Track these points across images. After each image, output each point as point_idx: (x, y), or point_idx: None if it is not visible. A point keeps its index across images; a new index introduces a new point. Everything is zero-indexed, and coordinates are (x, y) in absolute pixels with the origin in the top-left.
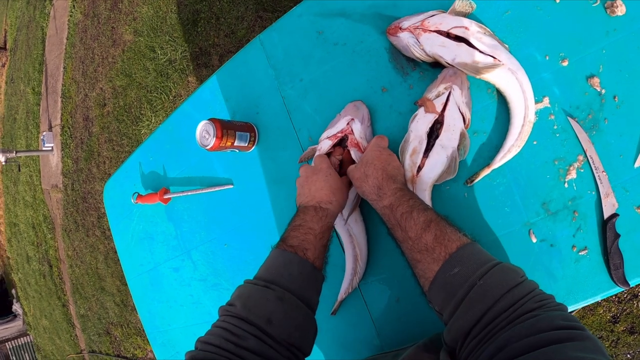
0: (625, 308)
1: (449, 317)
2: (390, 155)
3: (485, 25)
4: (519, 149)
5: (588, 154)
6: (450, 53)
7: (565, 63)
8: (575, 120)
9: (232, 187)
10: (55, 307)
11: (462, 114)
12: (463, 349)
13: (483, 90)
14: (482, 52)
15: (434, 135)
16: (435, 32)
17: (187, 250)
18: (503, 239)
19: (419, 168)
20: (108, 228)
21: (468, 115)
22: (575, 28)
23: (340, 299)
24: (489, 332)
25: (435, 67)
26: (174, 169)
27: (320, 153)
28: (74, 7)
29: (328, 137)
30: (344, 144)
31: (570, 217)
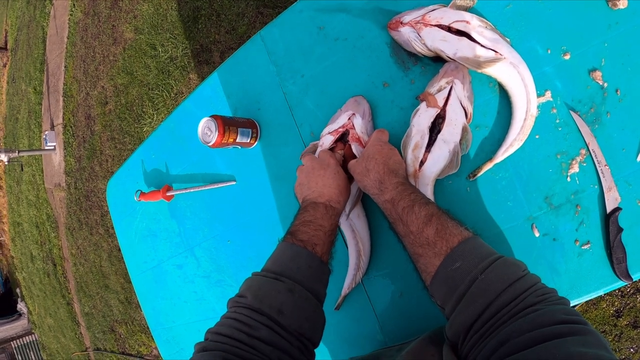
0: (629, 302)
1: (451, 311)
2: (392, 150)
3: (487, 19)
4: (521, 143)
5: (590, 148)
6: (452, 47)
7: (567, 57)
8: (578, 114)
9: (234, 183)
10: (60, 305)
11: (464, 108)
12: (465, 344)
13: (485, 84)
14: (483, 46)
15: (436, 130)
16: (437, 26)
17: (190, 247)
18: (506, 233)
19: (421, 163)
20: (111, 226)
21: (470, 110)
22: (577, 21)
23: (344, 294)
24: (491, 326)
25: (437, 61)
26: (176, 166)
27: (323, 149)
28: (74, 6)
29: (329, 132)
30: (345, 139)
31: (573, 211)
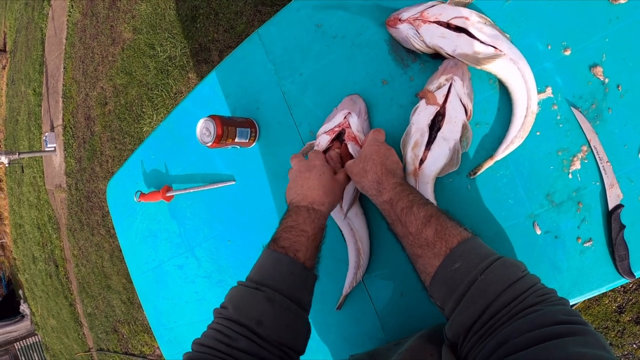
0: (631, 298)
1: (451, 312)
2: (389, 150)
3: (486, 15)
4: (522, 140)
5: (592, 144)
6: (451, 44)
7: (568, 52)
8: (579, 110)
9: (234, 183)
10: (63, 306)
11: (463, 106)
12: (465, 344)
13: (485, 81)
14: (482, 42)
15: (436, 128)
16: (435, 23)
17: (190, 248)
18: (507, 231)
19: (421, 161)
20: (112, 226)
21: (470, 107)
22: (578, 16)
23: (345, 293)
24: (490, 327)
25: (436, 58)
26: (176, 167)
27: (319, 149)
28: (72, 6)
29: (325, 131)
30: (342, 138)
31: (575, 208)
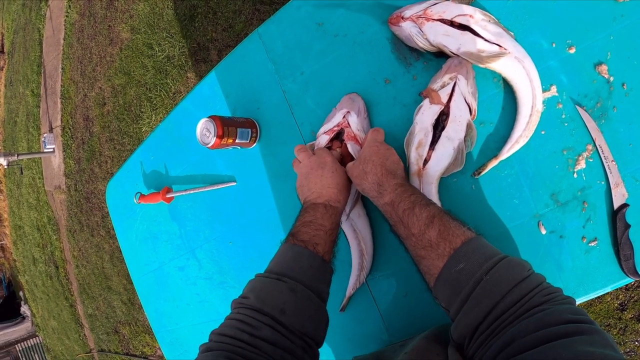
0: (633, 295)
1: (456, 313)
2: (388, 150)
3: (490, 13)
4: (527, 139)
5: (597, 143)
6: (455, 42)
7: (573, 50)
8: (584, 109)
9: (235, 184)
10: (63, 307)
11: (468, 105)
12: (471, 345)
13: (489, 80)
14: (487, 40)
15: (440, 127)
16: (439, 20)
17: (191, 249)
18: (512, 231)
19: (425, 161)
20: (112, 227)
21: (474, 106)
22: (582, 14)
23: (349, 295)
24: (497, 327)
25: (440, 56)
26: (176, 168)
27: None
28: (70, 7)
29: (325, 131)
30: (341, 138)
31: (580, 207)
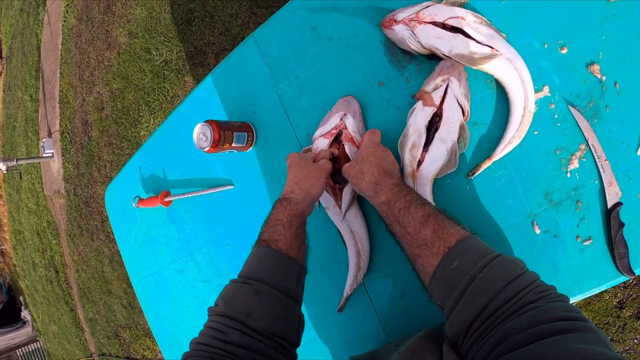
0: (632, 293)
1: (450, 311)
2: (385, 151)
3: (482, 15)
4: (520, 140)
5: (590, 143)
6: (447, 44)
7: (565, 51)
8: (576, 109)
9: (232, 187)
10: (64, 312)
11: (461, 106)
12: (465, 342)
13: (481, 81)
14: (479, 42)
15: (433, 129)
16: (431, 23)
17: (190, 252)
18: (506, 231)
19: (419, 162)
20: (112, 231)
21: (467, 107)
22: (574, 14)
23: (346, 295)
24: (490, 324)
25: (432, 59)
26: (174, 172)
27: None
28: (67, 12)
29: (322, 134)
30: (339, 140)
31: (574, 207)
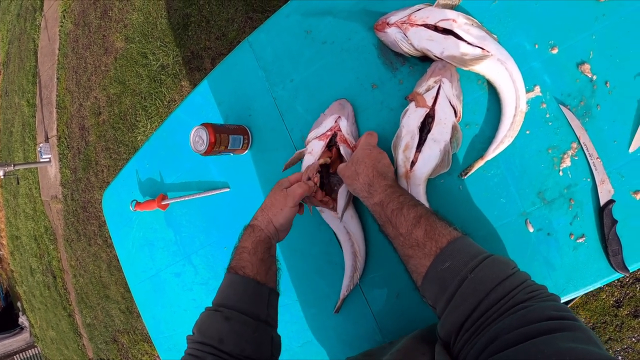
0: (629, 292)
1: (442, 311)
2: (380, 153)
3: (473, 17)
4: (512, 139)
5: (582, 141)
6: (439, 46)
7: (555, 51)
8: (568, 108)
9: (228, 190)
10: (61, 317)
11: (453, 107)
12: (456, 343)
13: (473, 82)
14: (470, 43)
15: (426, 130)
16: (423, 26)
17: (187, 255)
18: (500, 230)
19: (413, 163)
20: (109, 236)
21: (459, 108)
22: (564, 15)
23: (343, 297)
24: (481, 324)
25: (424, 60)
26: (171, 175)
27: (312, 155)
28: (65, 17)
29: (317, 136)
30: (333, 142)
31: (567, 205)
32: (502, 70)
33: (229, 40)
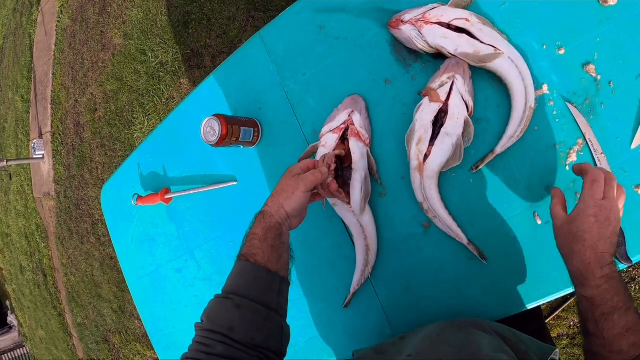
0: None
1: None
2: (607, 220)
3: (484, 17)
4: (521, 135)
5: (587, 137)
6: (453, 44)
7: (562, 51)
8: (574, 106)
9: (235, 183)
10: (52, 316)
11: (465, 103)
12: None
13: (485, 79)
14: (483, 42)
15: (439, 124)
16: (437, 24)
17: (190, 250)
18: (510, 222)
19: (426, 156)
20: (103, 234)
21: (471, 104)
22: (570, 18)
23: (353, 291)
24: None
25: (437, 58)
26: (175, 169)
27: (326, 148)
28: (62, 12)
29: (331, 130)
30: (345, 136)
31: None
32: (513, 69)
33: (230, 39)
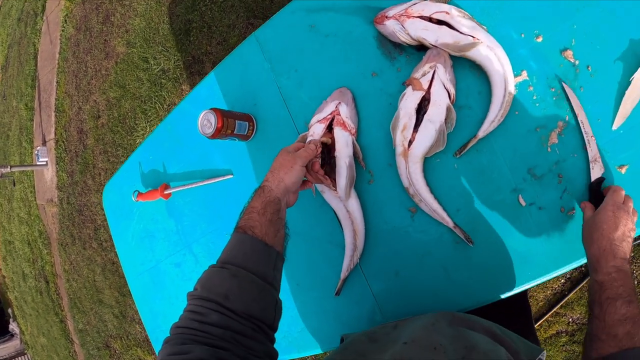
0: None
1: None
2: (623, 218)
3: (464, 10)
4: (502, 119)
5: (579, 119)
6: (433, 35)
7: (540, 39)
8: (567, 86)
9: (232, 177)
10: (53, 323)
11: (447, 90)
12: None
13: (465, 68)
14: (462, 32)
15: (422, 111)
16: (419, 17)
17: (188, 244)
18: (494, 205)
19: (410, 142)
20: (105, 240)
21: (453, 91)
22: (548, 6)
23: (343, 277)
24: None
25: (421, 50)
26: (174, 165)
27: (315, 137)
28: (66, 21)
29: (318, 120)
30: (332, 125)
31: (556, 180)
32: (491, 56)
33: (230, 46)
